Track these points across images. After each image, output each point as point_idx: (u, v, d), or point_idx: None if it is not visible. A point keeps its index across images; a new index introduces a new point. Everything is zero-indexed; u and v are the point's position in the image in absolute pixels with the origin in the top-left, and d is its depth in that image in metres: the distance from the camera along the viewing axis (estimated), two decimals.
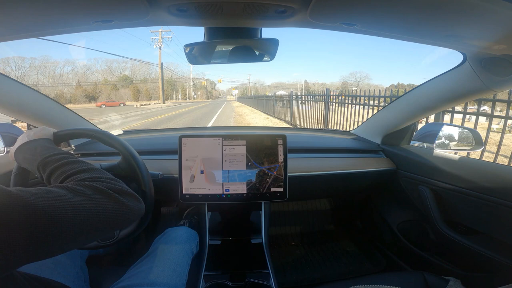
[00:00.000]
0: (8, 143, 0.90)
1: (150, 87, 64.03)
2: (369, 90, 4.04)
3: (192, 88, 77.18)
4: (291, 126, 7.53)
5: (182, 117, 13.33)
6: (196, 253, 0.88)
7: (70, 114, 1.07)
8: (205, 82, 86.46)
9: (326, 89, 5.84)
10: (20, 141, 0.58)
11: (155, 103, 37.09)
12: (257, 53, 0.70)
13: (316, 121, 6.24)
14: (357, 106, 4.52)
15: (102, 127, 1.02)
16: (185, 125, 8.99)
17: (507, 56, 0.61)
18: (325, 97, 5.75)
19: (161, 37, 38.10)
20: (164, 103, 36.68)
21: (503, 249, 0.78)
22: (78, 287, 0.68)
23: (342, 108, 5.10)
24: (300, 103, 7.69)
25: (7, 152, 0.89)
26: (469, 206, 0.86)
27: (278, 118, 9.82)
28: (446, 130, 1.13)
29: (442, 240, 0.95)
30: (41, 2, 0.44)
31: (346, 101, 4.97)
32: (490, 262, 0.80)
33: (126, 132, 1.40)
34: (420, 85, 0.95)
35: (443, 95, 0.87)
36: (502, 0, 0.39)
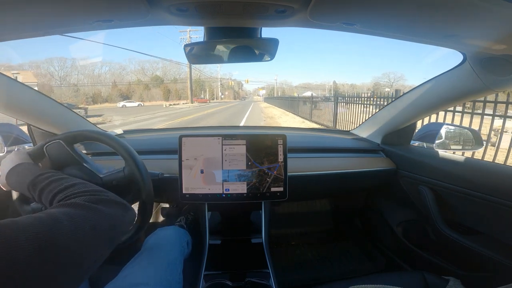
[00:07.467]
0: (8, 143, 0.90)
1: (179, 87, 64.77)
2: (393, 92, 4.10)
3: (219, 88, 76.90)
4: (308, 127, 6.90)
5: (208, 119, 12.32)
6: (193, 253, 0.87)
7: (70, 114, 1.06)
8: (233, 82, 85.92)
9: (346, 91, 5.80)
10: (8, 165, 0.61)
11: (183, 103, 38.08)
12: (257, 52, 0.70)
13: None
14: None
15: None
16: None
17: (507, 56, 0.61)
18: (375, 99, 5.58)
19: (189, 36, 37.81)
20: (192, 103, 37.09)
21: (503, 249, 0.77)
22: None
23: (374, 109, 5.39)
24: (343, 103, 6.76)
25: (7, 152, 0.89)
26: (469, 206, 0.86)
27: (316, 123, 8.44)
28: (446, 130, 1.12)
29: (442, 240, 0.95)
30: (41, 2, 0.44)
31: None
32: (490, 262, 0.79)
33: (126, 132, 1.40)
34: (420, 85, 0.95)
35: (443, 95, 0.87)
36: (502, 0, 0.39)
